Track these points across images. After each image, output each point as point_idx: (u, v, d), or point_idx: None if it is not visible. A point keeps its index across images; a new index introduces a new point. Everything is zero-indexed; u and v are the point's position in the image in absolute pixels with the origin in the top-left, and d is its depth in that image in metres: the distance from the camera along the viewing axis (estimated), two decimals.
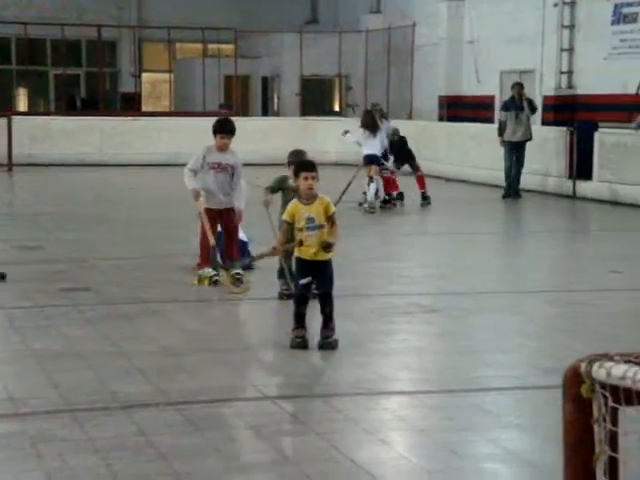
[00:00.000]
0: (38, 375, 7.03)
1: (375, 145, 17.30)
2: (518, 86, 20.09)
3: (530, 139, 19.73)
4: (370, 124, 17.47)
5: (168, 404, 6.36)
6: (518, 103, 19.74)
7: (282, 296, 9.63)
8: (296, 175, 7.99)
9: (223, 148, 10.25)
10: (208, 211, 10.24)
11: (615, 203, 18.41)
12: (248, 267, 10.72)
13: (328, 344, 7.74)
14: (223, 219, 10.32)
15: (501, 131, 19.87)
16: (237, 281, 10.10)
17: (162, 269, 11.09)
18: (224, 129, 10.29)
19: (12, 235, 13.66)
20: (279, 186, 9.76)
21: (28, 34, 30.46)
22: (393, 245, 12.29)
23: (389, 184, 17.86)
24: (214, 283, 10.15)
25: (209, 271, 10.22)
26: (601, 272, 11.57)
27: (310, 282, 7.76)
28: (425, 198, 18.15)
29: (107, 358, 7.55)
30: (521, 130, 19.62)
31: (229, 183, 10.26)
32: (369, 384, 7.02)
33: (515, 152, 19.74)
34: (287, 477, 5.26)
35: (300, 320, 7.77)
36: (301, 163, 8.30)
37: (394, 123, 20.10)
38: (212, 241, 10.16)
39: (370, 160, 17.21)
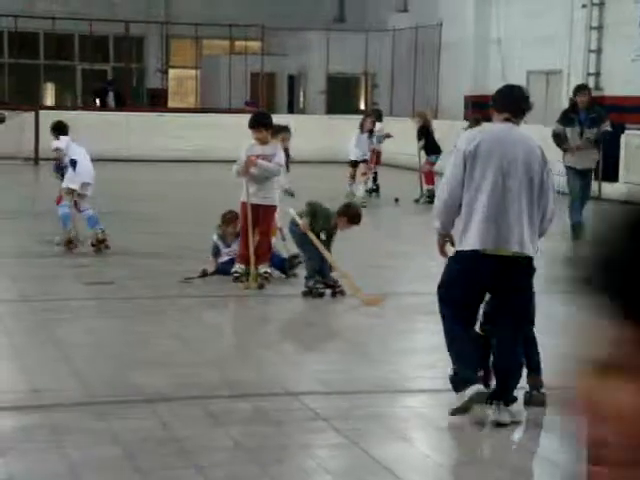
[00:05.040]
0: (61, 367, 7.07)
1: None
2: (584, 91, 14.15)
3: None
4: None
5: (191, 398, 6.39)
6: (584, 115, 13.73)
7: (311, 293, 9.62)
8: None
9: (261, 141, 10.24)
10: (244, 206, 10.15)
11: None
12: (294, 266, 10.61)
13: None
14: (259, 216, 10.15)
15: (560, 143, 13.70)
16: (265, 280, 10.09)
17: (187, 264, 11.09)
18: (251, 124, 10.32)
19: (36, 230, 13.69)
20: (314, 213, 9.73)
21: (56, 29, 30.58)
22: (411, 243, 12.28)
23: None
24: (236, 279, 10.14)
25: (237, 267, 10.23)
26: None
27: None
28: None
29: (130, 351, 7.60)
30: (588, 154, 13.78)
31: (267, 177, 10.17)
32: (391, 382, 7.04)
33: (579, 180, 13.84)
34: (307, 472, 5.28)
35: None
36: None
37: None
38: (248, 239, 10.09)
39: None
